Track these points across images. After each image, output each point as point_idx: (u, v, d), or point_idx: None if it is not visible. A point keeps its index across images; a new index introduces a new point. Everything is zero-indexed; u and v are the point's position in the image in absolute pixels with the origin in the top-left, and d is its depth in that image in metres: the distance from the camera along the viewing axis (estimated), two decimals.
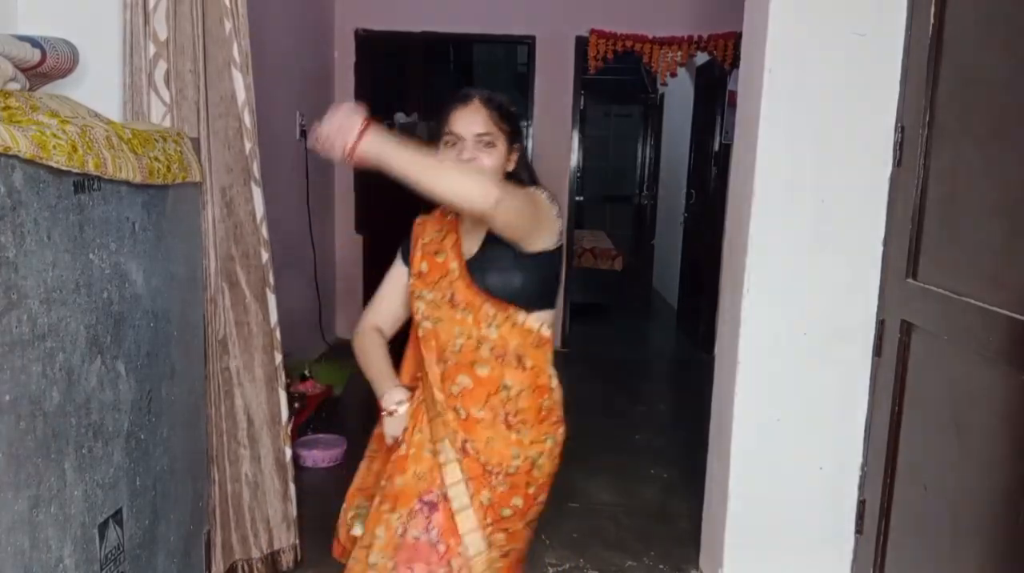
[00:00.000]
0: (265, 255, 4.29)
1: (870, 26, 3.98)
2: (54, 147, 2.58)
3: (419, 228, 3.44)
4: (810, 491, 4.33)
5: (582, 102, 11.78)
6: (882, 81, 4.02)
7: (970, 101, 3.48)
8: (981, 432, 3.26)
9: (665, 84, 11.96)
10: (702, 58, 10.55)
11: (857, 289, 4.15)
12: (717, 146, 10.20)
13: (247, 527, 4.49)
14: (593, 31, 9.81)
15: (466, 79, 11.58)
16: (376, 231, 9.52)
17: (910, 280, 3.83)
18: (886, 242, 4.07)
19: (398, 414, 3.28)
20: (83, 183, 2.81)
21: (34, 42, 3.38)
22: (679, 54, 9.87)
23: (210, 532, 4.23)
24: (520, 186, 3.14)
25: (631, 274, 13.86)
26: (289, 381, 5.77)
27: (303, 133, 8.72)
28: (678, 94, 12.97)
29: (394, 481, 3.21)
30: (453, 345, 3.17)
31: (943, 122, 3.67)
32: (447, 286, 3.19)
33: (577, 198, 12.55)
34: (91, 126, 2.89)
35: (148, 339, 3.36)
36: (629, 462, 6.74)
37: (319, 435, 6.83)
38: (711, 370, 4.79)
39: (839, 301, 4.18)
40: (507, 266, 3.13)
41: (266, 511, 4.52)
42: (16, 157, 2.43)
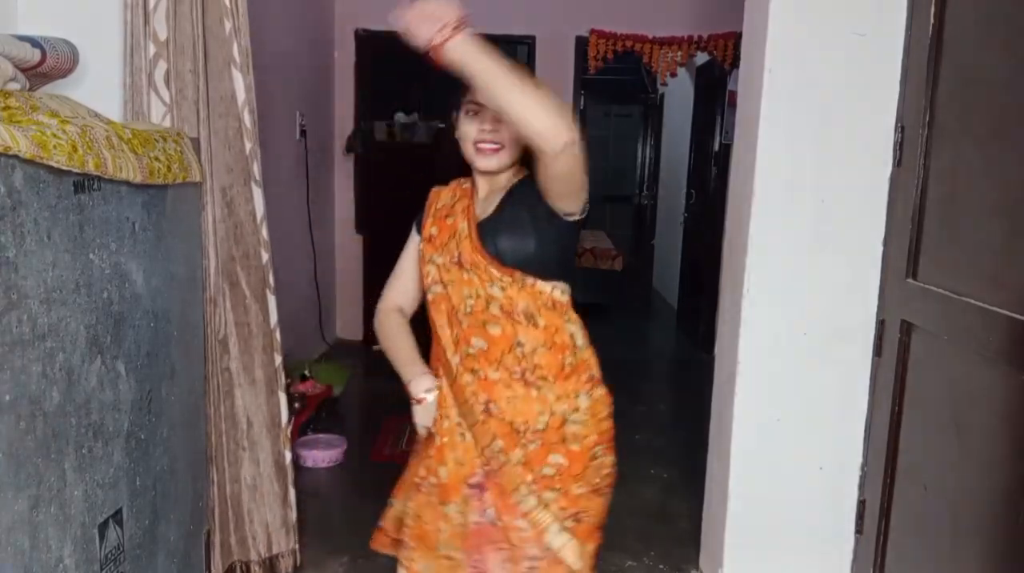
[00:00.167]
0: (265, 255, 4.29)
1: (870, 26, 3.98)
2: (54, 147, 2.57)
3: (434, 195, 3.42)
4: (810, 491, 4.33)
5: (582, 102, 11.76)
6: (882, 81, 4.02)
7: (970, 101, 3.48)
8: (981, 432, 3.27)
9: (665, 84, 11.95)
10: (702, 58, 10.55)
11: (857, 289, 4.15)
12: (717, 146, 10.19)
13: (245, 529, 4.48)
14: (593, 31, 9.82)
15: (466, 79, 11.57)
16: (376, 231, 9.56)
17: (910, 280, 3.83)
18: (886, 242, 4.07)
19: (427, 402, 3.26)
20: (83, 183, 2.81)
21: (34, 42, 3.38)
22: (679, 54, 9.87)
23: (210, 532, 4.23)
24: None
25: (631, 274, 13.86)
26: (289, 381, 5.77)
27: (303, 133, 8.72)
28: (678, 94, 12.97)
29: (439, 473, 3.22)
30: (465, 306, 3.14)
31: (943, 122, 3.67)
32: (454, 247, 3.16)
33: None
34: (91, 126, 2.89)
35: (148, 339, 3.36)
36: (629, 462, 6.72)
37: (319, 435, 6.82)
38: (711, 370, 4.78)
39: (839, 301, 4.18)
40: (522, 230, 3.08)
41: (264, 515, 4.52)
42: (16, 157, 2.42)
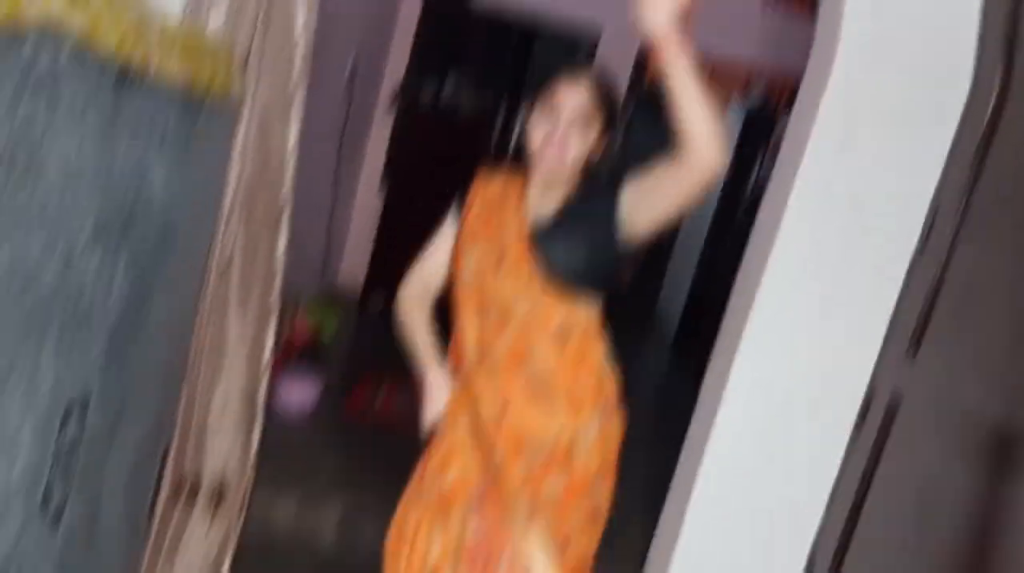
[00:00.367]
0: (286, 187, 4.28)
1: (929, 100, 3.96)
2: (106, 32, 2.58)
3: (481, 183, 3.40)
4: (763, 551, 4.32)
5: (629, 112, 11.76)
6: (923, 164, 3.99)
7: (1007, 204, 3.47)
8: (944, 528, 3.26)
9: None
10: (755, 100, 10.52)
11: (854, 362, 4.14)
12: (749, 191, 10.16)
13: (203, 452, 4.47)
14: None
15: (523, 60, 11.54)
16: (397, 194, 9.59)
17: (909, 358, 3.82)
18: (894, 318, 4.06)
19: (440, 398, 3.29)
20: (126, 75, 2.80)
21: None
22: (735, 83, 9.82)
23: (168, 446, 4.23)
24: (597, 175, 3.23)
25: (635, 293, 13.83)
26: (281, 317, 5.78)
27: (351, 78, 8.70)
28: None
29: (445, 479, 3.23)
30: (496, 308, 3.15)
31: (975, 220, 3.65)
32: (499, 245, 3.17)
33: None
34: (146, 19, 2.89)
35: (152, 244, 3.35)
36: None
37: (296, 377, 6.70)
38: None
39: (831, 369, 4.16)
40: (579, 246, 3.12)
41: (224, 441, 4.51)
42: (67, 33, 2.43)
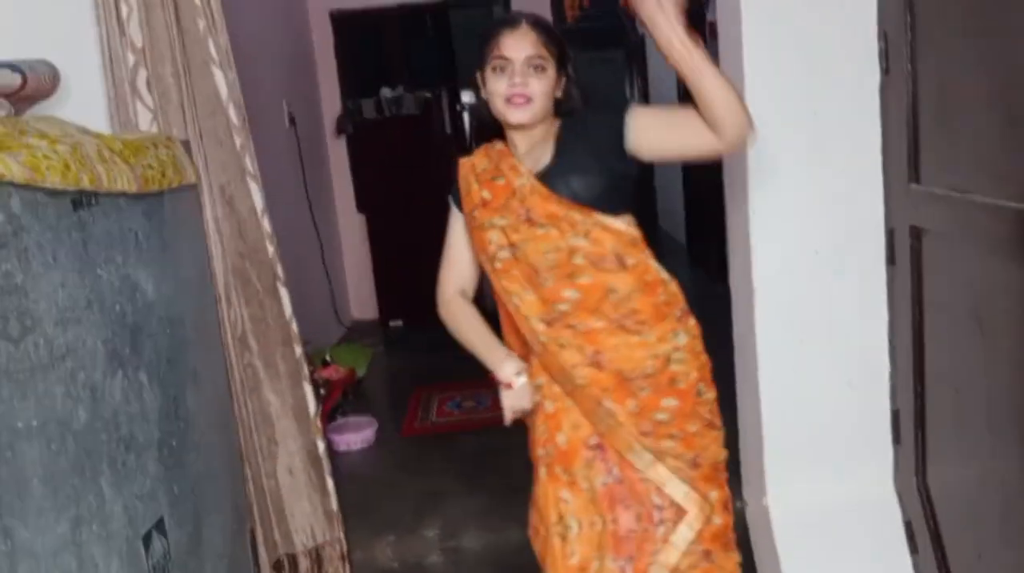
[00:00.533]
0: (271, 248, 4.28)
1: None
2: (47, 168, 2.57)
3: (465, 164, 3.39)
4: (843, 407, 4.32)
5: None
6: None
7: None
8: (1005, 327, 3.26)
9: (644, 26, 11.91)
10: None
11: (862, 200, 4.13)
12: None
13: (288, 523, 4.49)
14: None
15: (446, 45, 11.52)
16: (377, 208, 9.54)
17: (913, 185, 3.81)
18: (884, 150, 4.05)
19: (518, 385, 3.25)
20: (81, 200, 2.81)
21: (13, 67, 3.38)
22: None
23: (253, 530, 4.25)
24: (572, 114, 3.25)
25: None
26: (312, 368, 5.78)
27: (292, 121, 8.70)
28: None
29: (557, 441, 3.23)
30: (546, 262, 3.13)
31: (924, 23, 3.64)
32: (518, 205, 3.15)
33: None
34: (81, 142, 2.88)
35: (167, 346, 3.36)
36: None
37: (348, 418, 6.82)
38: (728, 301, 4.78)
39: (846, 215, 4.16)
40: (590, 168, 3.13)
41: (304, 506, 4.52)
42: (11, 183, 2.43)
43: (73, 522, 2.60)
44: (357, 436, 6.47)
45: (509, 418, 3.31)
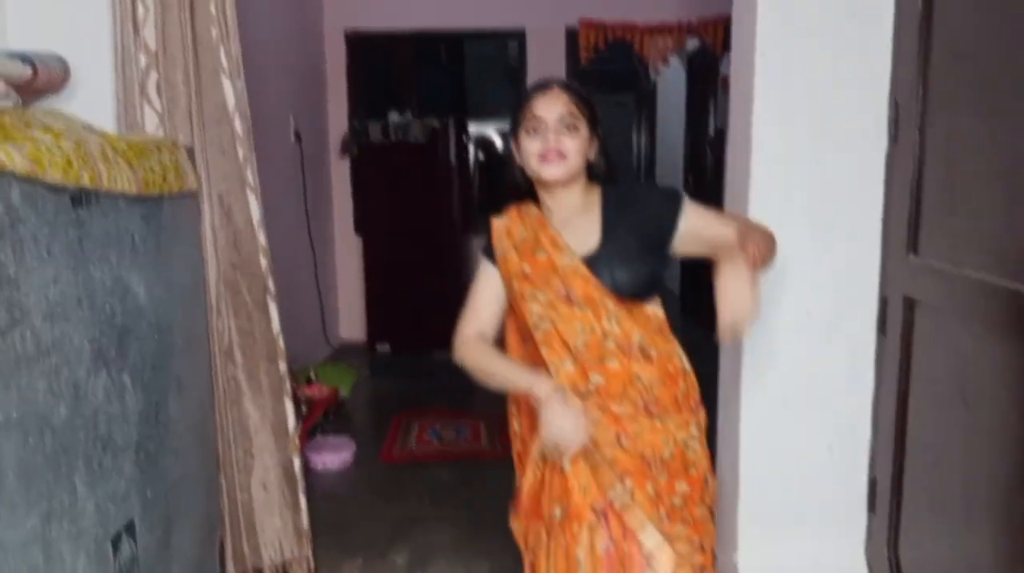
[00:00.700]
0: (264, 262, 4.28)
1: (859, 4, 3.98)
2: (49, 163, 2.58)
3: (501, 228, 3.38)
4: (821, 471, 4.33)
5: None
6: (874, 58, 4.01)
7: (962, 74, 3.48)
8: (989, 406, 3.26)
9: (659, 73, 11.92)
10: (693, 44, 10.52)
11: (859, 267, 4.14)
12: (712, 131, 10.18)
13: (258, 536, 4.48)
14: (583, 21, 9.80)
15: (458, 76, 11.56)
16: (375, 231, 9.52)
17: (911, 256, 3.82)
18: (885, 219, 4.06)
19: (560, 400, 3.05)
20: (81, 197, 2.81)
21: (25, 58, 3.38)
22: (670, 41, 9.86)
23: (223, 540, 4.24)
24: (610, 181, 3.31)
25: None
26: (296, 385, 5.77)
27: (297, 136, 8.72)
28: (671, 80, 12.96)
29: (572, 500, 3.21)
30: (576, 342, 3.15)
31: (936, 96, 3.66)
32: (559, 283, 3.17)
33: None
34: (86, 140, 2.89)
35: (153, 351, 3.36)
36: None
37: (328, 438, 6.82)
38: (717, 353, 4.77)
39: (841, 280, 4.17)
40: (635, 261, 3.15)
41: (276, 521, 4.51)
42: (12, 174, 2.43)
43: (44, 517, 2.59)
44: (335, 456, 6.46)
45: (551, 439, 3.07)
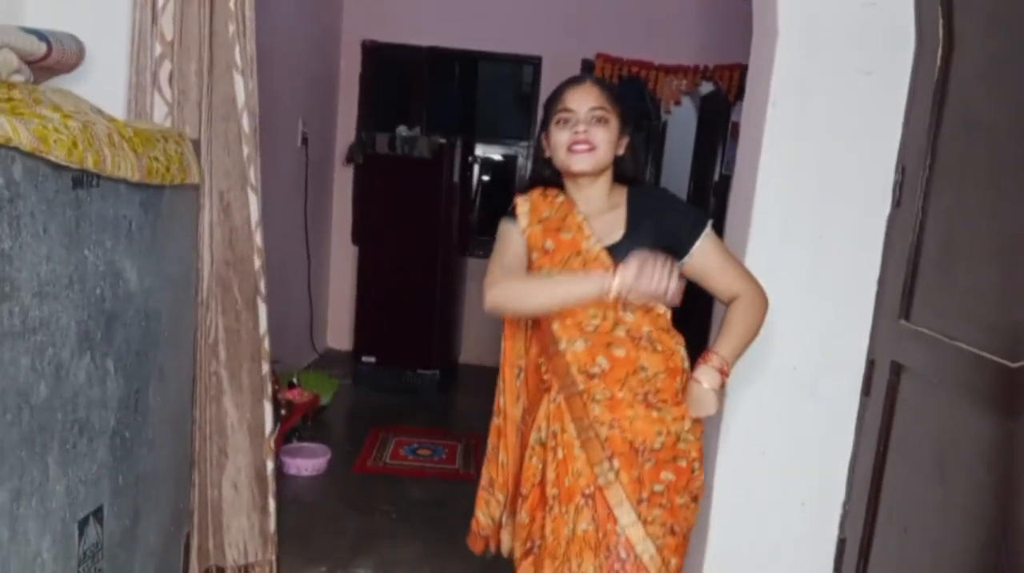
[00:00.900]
0: (258, 262, 4.28)
1: (876, 65, 3.98)
2: (55, 141, 2.58)
3: (528, 202, 3.42)
4: (791, 526, 4.32)
5: None
6: (885, 121, 4.01)
7: (971, 147, 3.48)
8: (966, 479, 3.26)
9: (669, 112, 11.94)
10: (706, 87, 10.52)
11: (849, 326, 4.14)
12: (717, 176, 10.18)
13: (223, 535, 4.46)
14: (599, 55, 9.81)
15: (470, 95, 11.56)
16: (372, 243, 9.47)
17: (902, 321, 3.82)
18: (881, 281, 4.06)
19: (628, 265, 2.95)
20: (82, 179, 2.81)
21: (40, 35, 3.38)
22: (684, 82, 9.88)
23: (189, 535, 4.22)
24: (636, 182, 3.41)
25: None
26: (277, 387, 5.76)
27: (304, 140, 8.73)
28: (681, 122, 12.95)
29: (563, 483, 3.32)
30: (588, 325, 3.24)
31: (944, 166, 3.67)
32: (580, 266, 3.22)
33: None
34: (93, 122, 2.89)
35: (139, 338, 3.36)
36: None
37: (304, 444, 6.80)
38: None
39: (830, 338, 4.17)
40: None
41: (243, 522, 4.49)
42: (16, 149, 2.43)
43: (13, 494, 2.59)
44: (309, 462, 6.45)
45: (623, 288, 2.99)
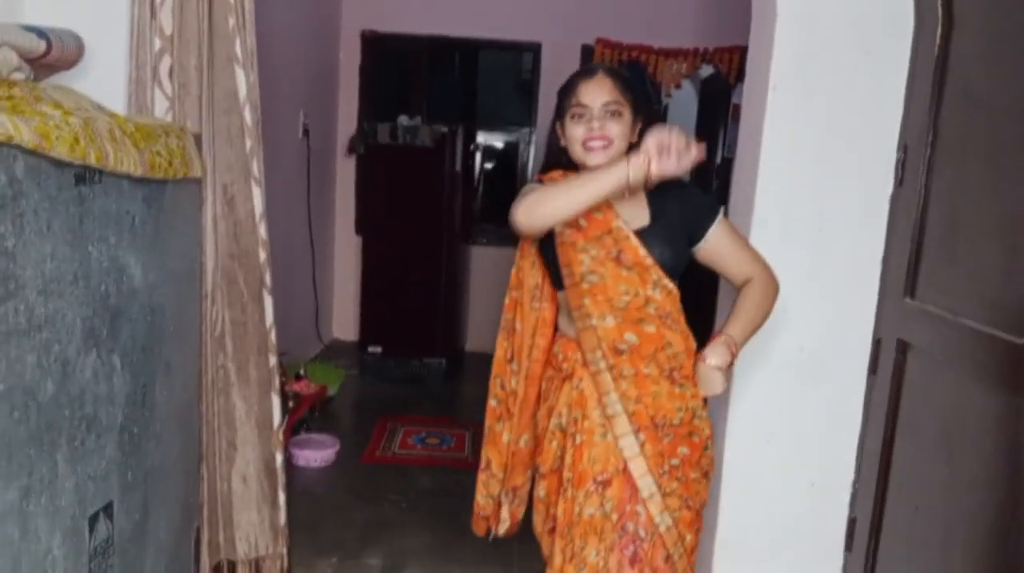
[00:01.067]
0: (263, 255, 4.27)
1: (876, 44, 3.97)
2: (56, 138, 2.58)
3: (558, 176, 3.42)
4: (801, 507, 4.32)
5: None
6: (886, 100, 4.01)
7: (973, 124, 3.48)
8: (974, 454, 3.26)
9: (670, 96, 11.92)
10: (707, 70, 10.50)
11: (855, 306, 4.14)
12: (719, 159, 10.16)
13: (234, 528, 4.46)
14: (599, 40, 9.79)
15: (471, 84, 11.55)
16: (376, 233, 9.45)
17: (907, 299, 3.82)
18: (885, 260, 4.06)
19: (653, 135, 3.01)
20: (84, 175, 2.81)
21: (40, 33, 3.37)
22: (684, 66, 9.86)
23: (199, 529, 4.23)
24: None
25: None
26: (284, 380, 5.76)
27: (306, 132, 8.73)
28: (682, 105, 12.94)
29: (576, 468, 3.38)
30: (619, 301, 3.28)
31: (946, 143, 3.66)
32: (612, 244, 3.27)
33: None
34: (94, 118, 2.89)
35: (144, 334, 3.35)
36: None
37: (312, 435, 6.83)
38: None
39: (835, 318, 4.16)
40: (676, 242, 3.37)
41: (253, 515, 4.49)
42: (18, 147, 2.43)
43: (23, 492, 2.59)
44: (317, 454, 6.46)
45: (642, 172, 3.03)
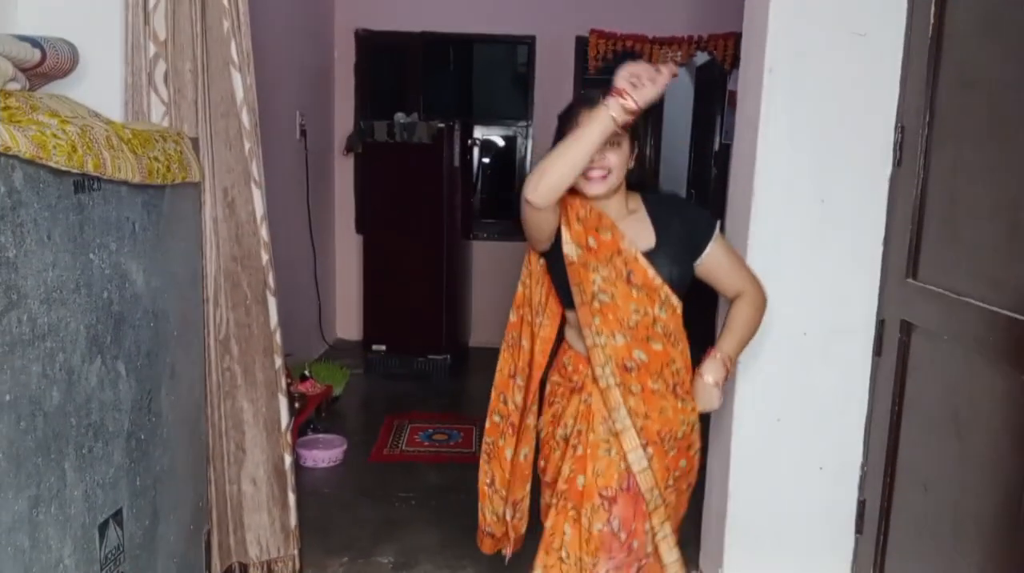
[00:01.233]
0: (265, 256, 4.27)
1: (870, 26, 3.97)
2: (54, 147, 2.57)
3: (567, 197, 3.36)
4: (810, 491, 4.33)
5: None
6: (882, 81, 4.01)
7: (969, 102, 3.48)
8: (981, 432, 3.26)
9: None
10: (702, 58, 10.49)
11: (857, 288, 4.14)
12: (717, 146, 10.15)
13: (244, 532, 4.47)
14: (593, 31, 9.78)
15: (466, 79, 11.53)
16: (376, 231, 9.43)
17: (910, 280, 3.82)
18: (886, 242, 4.06)
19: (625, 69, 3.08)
20: (83, 183, 2.81)
21: (34, 42, 3.37)
22: (679, 54, 9.84)
23: (209, 533, 4.23)
24: (644, 187, 3.50)
25: None
26: (289, 381, 5.76)
27: (303, 132, 8.72)
28: (678, 94, 12.91)
29: (576, 482, 3.40)
30: (629, 320, 3.32)
31: (943, 123, 3.67)
32: (622, 265, 3.31)
33: None
34: (91, 126, 2.88)
35: (148, 339, 3.36)
36: None
37: (319, 435, 6.82)
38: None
39: (839, 301, 4.17)
40: (682, 262, 3.43)
41: (263, 518, 4.50)
42: (16, 157, 2.43)
43: (32, 501, 2.59)
44: (325, 453, 6.46)
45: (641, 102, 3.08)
